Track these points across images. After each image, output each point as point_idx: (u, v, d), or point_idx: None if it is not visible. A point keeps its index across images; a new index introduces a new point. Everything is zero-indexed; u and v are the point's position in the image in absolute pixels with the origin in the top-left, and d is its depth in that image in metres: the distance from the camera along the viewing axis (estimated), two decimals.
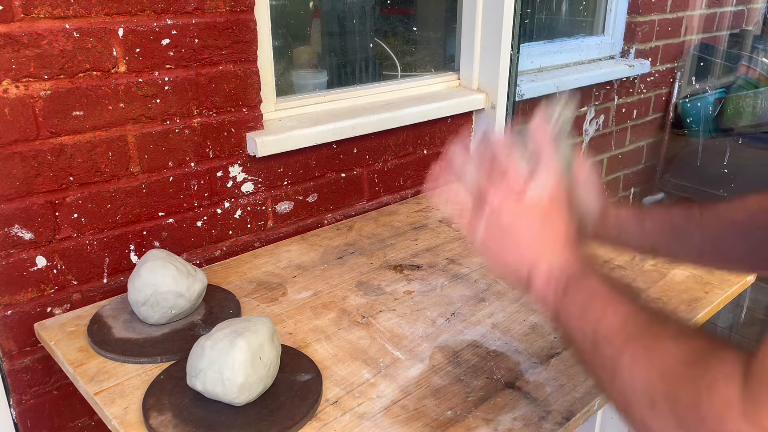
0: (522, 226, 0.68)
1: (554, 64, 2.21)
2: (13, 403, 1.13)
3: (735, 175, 2.57)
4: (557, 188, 0.69)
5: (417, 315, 1.11)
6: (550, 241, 0.68)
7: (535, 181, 0.68)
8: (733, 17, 2.79)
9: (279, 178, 1.39)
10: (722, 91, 2.65)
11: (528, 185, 0.68)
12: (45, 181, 1.07)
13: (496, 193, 0.69)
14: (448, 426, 0.84)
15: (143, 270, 1.02)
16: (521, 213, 0.68)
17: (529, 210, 0.68)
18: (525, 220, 0.68)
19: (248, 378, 0.82)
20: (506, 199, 0.68)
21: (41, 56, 1.01)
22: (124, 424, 0.84)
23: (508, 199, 0.68)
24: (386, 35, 1.77)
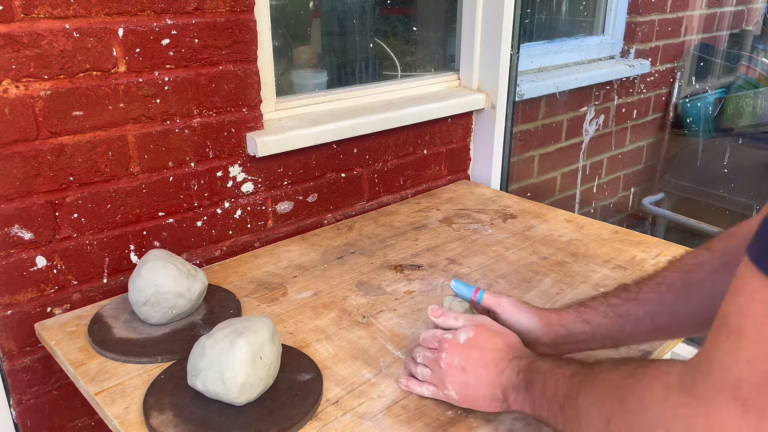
0: (469, 360, 0.82)
1: (554, 64, 2.21)
2: (13, 403, 1.13)
3: (735, 175, 2.58)
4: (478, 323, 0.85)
5: (417, 315, 1.11)
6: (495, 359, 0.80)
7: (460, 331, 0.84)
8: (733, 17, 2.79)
9: (279, 178, 1.39)
10: (722, 91, 2.65)
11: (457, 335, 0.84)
12: (45, 181, 1.07)
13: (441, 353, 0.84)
14: (449, 426, 0.84)
15: (144, 270, 1.02)
16: (464, 352, 0.82)
17: (468, 347, 0.82)
18: (469, 355, 0.82)
19: (249, 378, 0.82)
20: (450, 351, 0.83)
21: (41, 56, 1.01)
22: (125, 424, 0.84)
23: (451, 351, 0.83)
24: (386, 35, 1.77)
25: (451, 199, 1.67)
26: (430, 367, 0.86)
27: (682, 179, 2.73)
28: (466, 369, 0.81)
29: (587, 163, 2.41)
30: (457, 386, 0.82)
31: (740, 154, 2.64)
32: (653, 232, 2.70)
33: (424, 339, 0.90)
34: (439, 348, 0.85)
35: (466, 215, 1.55)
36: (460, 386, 0.82)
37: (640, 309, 0.82)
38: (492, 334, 0.84)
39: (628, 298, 0.83)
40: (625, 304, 0.83)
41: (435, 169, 1.75)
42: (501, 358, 0.80)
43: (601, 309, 0.85)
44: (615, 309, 0.83)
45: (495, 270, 1.26)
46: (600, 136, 2.42)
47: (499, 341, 0.82)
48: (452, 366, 0.82)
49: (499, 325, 0.86)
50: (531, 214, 1.55)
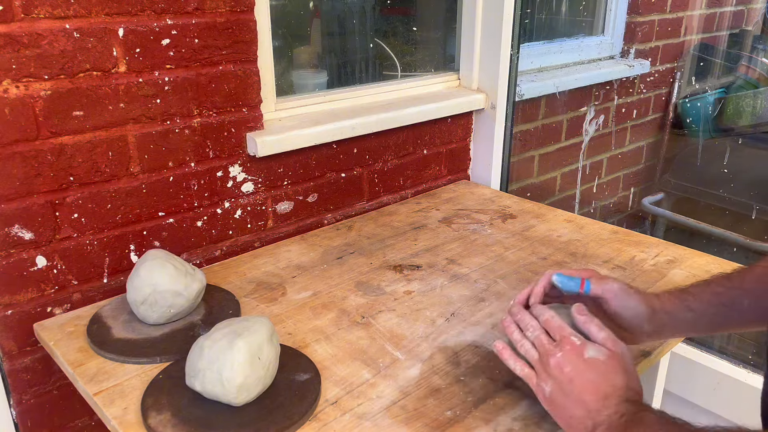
0: (583, 377, 0.75)
1: (554, 64, 2.21)
2: (13, 403, 1.13)
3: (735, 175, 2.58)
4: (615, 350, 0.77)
5: (417, 315, 1.11)
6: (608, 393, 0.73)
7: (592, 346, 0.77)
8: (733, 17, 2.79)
9: (279, 178, 1.39)
10: (722, 91, 2.65)
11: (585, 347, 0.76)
12: (45, 181, 1.07)
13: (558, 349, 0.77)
14: (448, 426, 0.84)
15: (142, 269, 1.02)
16: (582, 367, 0.75)
17: (588, 365, 0.75)
18: (586, 372, 0.75)
19: (247, 378, 0.82)
20: (568, 356, 0.76)
21: (41, 56, 1.01)
22: (124, 425, 0.84)
23: (569, 357, 0.76)
24: (386, 35, 1.77)
25: (451, 199, 1.67)
26: (540, 353, 0.79)
27: (682, 179, 2.73)
28: (574, 382, 0.75)
29: (587, 163, 2.41)
30: (556, 389, 0.76)
31: (740, 154, 2.64)
32: (653, 232, 2.70)
33: (547, 321, 0.81)
34: (560, 344, 0.78)
35: (466, 215, 1.55)
36: (558, 391, 0.76)
37: (745, 300, 0.81)
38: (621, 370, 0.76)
39: (732, 286, 0.83)
40: (729, 293, 0.82)
41: (435, 169, 1.76)
42: (615, 396, 0.73)
43: (705, 297, 0.84)
44: (719, 297, 0.83)
45: (494, 270, 1.26)
46: (600, 136, 2.42)
47: (621, 380, 0.75)
48: (562, 370, 0.76)
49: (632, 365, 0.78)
50: (531, 214, 1.55)
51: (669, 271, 1.25)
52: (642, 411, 0.71)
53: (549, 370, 0.77)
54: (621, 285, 0.88)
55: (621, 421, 0.70)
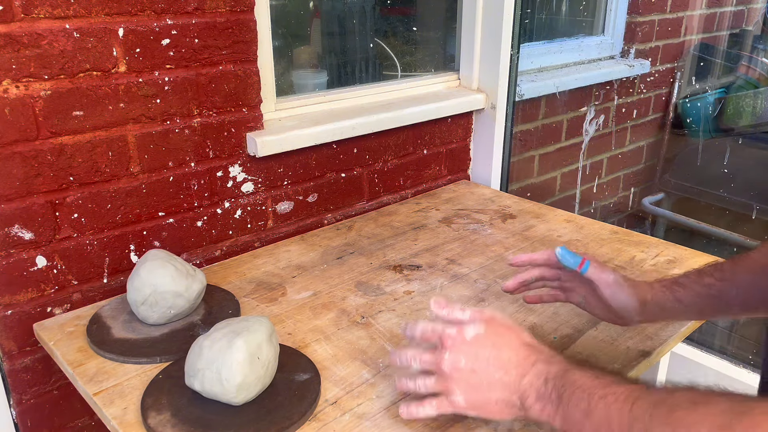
0: (480, 359, 0.73)
1: (554, 64, 2.21)
2: (13, 403, 1.13)
3: (735, 175, 2.58)
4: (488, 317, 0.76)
5: (417, 315, 1.11)
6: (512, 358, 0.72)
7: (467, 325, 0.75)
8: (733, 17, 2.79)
9: (279, 178, 1.40)
10: (722, 91, 2.65)
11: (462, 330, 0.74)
12: (45, 181, 1.07)
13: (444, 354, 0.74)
14: (448, 426, 0.84)
15: (142, 270, 1.02)
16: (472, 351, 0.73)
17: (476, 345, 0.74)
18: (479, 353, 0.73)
19: (246, 378, 0.82)
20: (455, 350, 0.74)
21: (41, 56, 1.01)
22: (124, 425, 0.84)
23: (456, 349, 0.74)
24: (386, 35, 1.77)
25: (451, 199, 1.67)
26: (435, 372, 0.76)
27: (682, 179, 2.73)
28: (476, 370, 0.72)
29: (587, 163, 2.41)
30: (464, 389, 0.73)
31: (740, 154, 2.64)
32: (653, 232, 2.70)
33: (421, 334, 0.79)
34: (441, 346, 0.75)
35: (466, 215, 1.55)
36: (468, 389, 0.73)
37: (733, 290, 0.82)
38: (505, 329, 0.75)
39: (723, 278, 0.83)
40: (718, 284, 0.83)
41: (435, 169, 1.76)
42: (521, 359, 0.71)
43: (696, 288, 0.85)
44: (708, 289, 0.84)
45: (494, 270, 1.26)
46: (600, 136, 2.42)
47: (513, 339, 0.74)
48: (458, 368, 0.73)
49: (510, 320, 0.77)
50: (531, 214, 1.55)
51: (669, 271, 1.25)
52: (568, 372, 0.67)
53: (448, 377, 0.74)
54: (616, 277, 0.89)
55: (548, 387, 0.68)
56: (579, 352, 1.00)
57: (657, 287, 0.88)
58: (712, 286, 0.84)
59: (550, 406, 0.67)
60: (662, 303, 0.87)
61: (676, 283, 0.87)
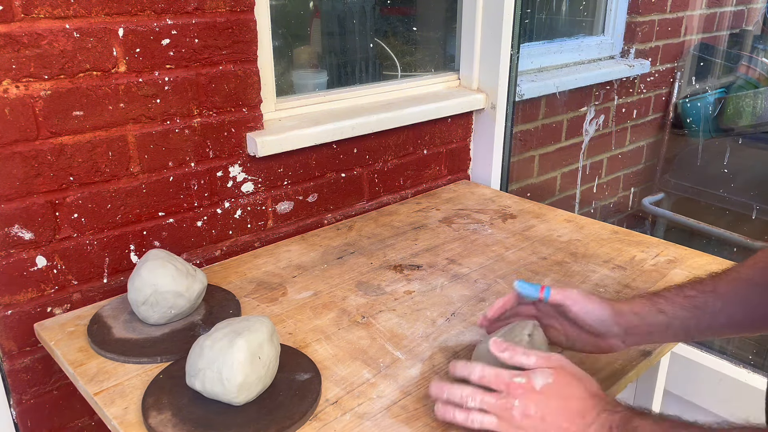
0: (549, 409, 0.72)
1: (554, 64, 2.21)
2: (13, 403, 1.13)
3: (735, 175, 2.58)
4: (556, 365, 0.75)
5: (417, 315, 1.11)
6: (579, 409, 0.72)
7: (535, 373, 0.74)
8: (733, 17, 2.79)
9: (279, 178, 1.39)
10: (722, 91, 2.65)
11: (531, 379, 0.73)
12: (45, 181, 1.07)
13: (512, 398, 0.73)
14: (449, 426, 0.84)
15: (143, 269, 1.02)
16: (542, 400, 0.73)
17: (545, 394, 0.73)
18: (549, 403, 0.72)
19: (247, 377, 0.82)
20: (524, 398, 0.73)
21: (41, 56, 1.01)
22: (124, 424, 0.84)
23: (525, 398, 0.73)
24: (386, 35, 1.77)
25: (451, 199, 1.67)
26: (497, 415, 0.74)
27: (682, 179, 2.73)
28: (546, 419, 0.72)
29: (587, 163, 2.41)
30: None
31: (740, 154, 2.64)
32: (653, 232, 2.70)
33: (482, 377, 0.77)
34: (508, 393, 0.74)
35: (466, 215, 1.55)
36: None
37: (717, 302, 0.80)
38: (573, 379, 0.74)
39: (705, 290, 0.82)
40: (701, 296, 0.81)
41: (435, 169, 1.76)
42: (588, 409, 0.72)
43: (677, 300, 0.83)
44: (691, 300, 0.82)
45: (495, 270, 1.26)
46: (600, 136, 2.42)
47: (581, 389, 0.74)
48: (528, 415, 0.72)
49: (578, 368, 0.77)
50: (531, 214, 1.55)
51: (669, 271, 1.25)
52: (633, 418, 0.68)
53: (516, 423, 0.73)
54: (581, 292, 0.87)
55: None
56: None
57: (636, 300, 0.86)
58: (695, 298, 0.82)
59: None
60: (643, 314, 0.84)
61: (657, 295, 0.85)
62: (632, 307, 0.85)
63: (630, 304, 0.85)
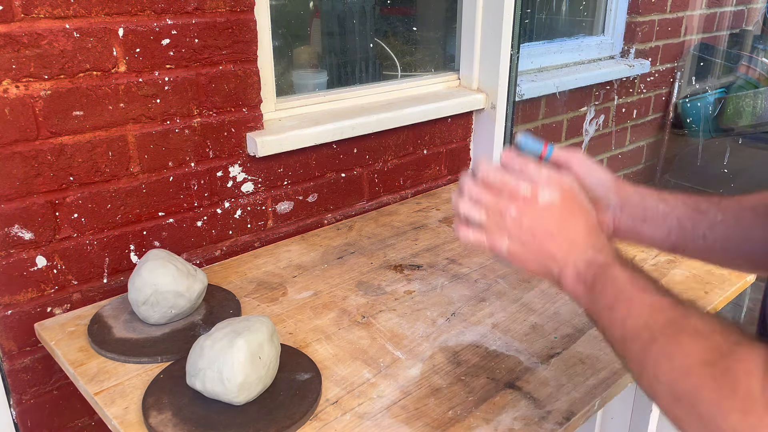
0: (543, 228, 0.71)
1: (554, 64, 2.21)
2: (13, 403, 1.13)
3: (735, 175, 2.58)
4: (567, 187, 0.72)
5: (417, 315, 1.11)
6: (572, 238, 0.71)
7: (543, 187, 0.71)
8: (733, 17, 2.79)
9: (279, 178, 1.39)
10: (722, 91, 2.65)
11: (537, 191, 0.71)
12: (45, 181, 1.07)
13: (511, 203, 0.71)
14: (449, 426, 0.84)
15: (144, 269, 1.02)
16: (539, 216, 0.71)
17: (545, 212, 0.71)
18: (544, 221, 0.71)
19: (247, 377, 0.82)
20: (522, 210, 0.71)
21: (41, 56, 1.01)
22: (125, 424, 0.84)
23: (523, 210, 0.71)
24: (386, 35, 1.77)
25: (451, 199, 1.66)
26: (489, 214, 0.73)
27: (682, 179, 2.73)
28: (535, 235, 0.70)
29: None
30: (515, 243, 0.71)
31: (740, 154, 2.65)
32: None
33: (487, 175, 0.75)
34: (510, 198, 0.72)
35: None
36: (517, 245, 0.71)
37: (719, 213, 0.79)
38: (577, 207, 0.72)
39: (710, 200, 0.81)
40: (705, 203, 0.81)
41: (435, 169, 1.76)
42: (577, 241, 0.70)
43: (681, 197, 0.82)
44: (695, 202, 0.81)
45: (495, 270, 1.26)
46: (600, 136, 2.42)
47: (581, 221, 0.71)
48: (519, 225, 0.71)
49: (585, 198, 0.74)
50: None
51: (669, 270, 1.25)
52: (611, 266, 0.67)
53: (504, 226, 0.71)
54: (586, 155, 0.84)
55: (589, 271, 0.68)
56: (580, 352, 1.00)
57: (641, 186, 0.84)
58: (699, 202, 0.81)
59: (582, 287, 0.68)
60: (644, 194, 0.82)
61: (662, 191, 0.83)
62: (635, 187, 0.83)
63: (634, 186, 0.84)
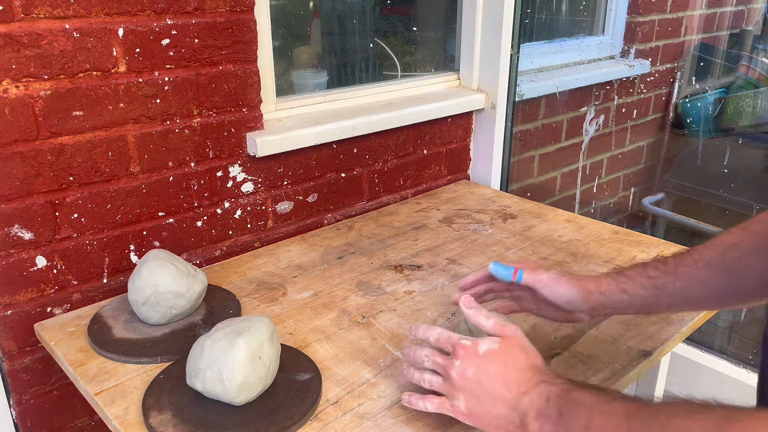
0: (486, 373, 0.74)
1: (554, 64, 2.21)
2: (13, 403, 1.13)
3: (735, 175, 2.58)
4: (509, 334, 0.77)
5: (417, 315, 1.11)
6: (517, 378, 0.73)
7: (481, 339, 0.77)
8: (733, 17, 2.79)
9: (279, 178, 1.39)
10: (722, 91, 2.65)
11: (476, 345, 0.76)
12: (45, 181, 1.07)
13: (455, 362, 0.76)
14: (449, 426, 0.84)
15: (144, 270, 1.02)
16: (481, 363, 0.75)
17: (486, 358, 0.75)
18: (487, 367, 0.75)
19: (247, 377, 0.82)
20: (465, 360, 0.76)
21: (41, 56, 1.01)
22: (125, 424, 0.84)
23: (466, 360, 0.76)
24: (386, 35, 1.77)
25: (451, 199, 1.67)
26: (442, 375, 0.78)
27: (682, 179, 2.73)
28: (482, 383, 0.74)
29: (587, 163, 2.41)
30: (468, 398, 0.75)
31: (740, 154, 2.64)
32: (653, 232, 2.70)
33: (437, 339, 0.81)
34: (454, 354, 0.77)
35: (466, 215, 1.55)
36: (470, 399, 0.75)
37: (677, 282, 0.83)
38: (518, 349, 0.76)
39: (666, 271, 0.85)
40: (662, 277, 0.85)
41: (435, 169, 1.75)
42: (526, 379, 0.73)
43: (639, 280, 0.86)
44: (653, 281, 0.85)
45: None
46: (600, 136, 2.41)
47: (524, 361, 0.75)
48: (465, 377, 0.75)
49: (527, 342, 0.78)
50: (531, 214, 1.55)
51: None
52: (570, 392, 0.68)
53: (454, 383, 0.76)
54: (550, 275, 0.91)
55: (549, 406, 0.68)
56: (580, 352, 1.00)
57: (603, 279, 0.89)
58: (656, 279, 0.85)
59: (549, 423, 0.68)
60: (608, 293, 0.88)
61: (622, 275, 0.89)
62: (599, 287, 0.88)
63: (597, 283, 0.89)
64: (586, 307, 0.89)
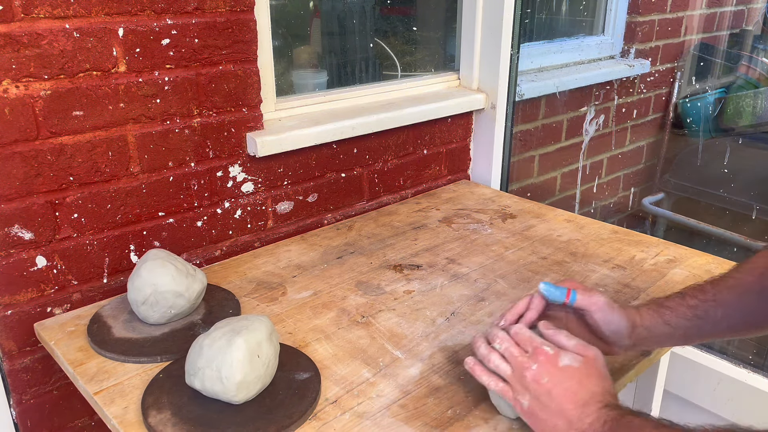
0: (562, 390, 0.75)
1: (554, 64, 2.21)
2: (13, 403, 1.13)
3: (735, 175, 2.58)
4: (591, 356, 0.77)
5: (417, 315, 1.11)
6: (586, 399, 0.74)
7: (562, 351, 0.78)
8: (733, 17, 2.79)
9: (279, 178, 1.40)
10: (722, 91, 2.65)
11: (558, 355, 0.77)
12: (45, 181, 1.07)
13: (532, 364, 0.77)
14: (448, 425, 0.84)
15: (143, 269, 1.02)
16: (558, 375, 0.76)
17: (564, 372, 0.76)
18: (563, 381, 0.75)
19: (246, 376, 0.82)
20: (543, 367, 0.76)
21: (41, 56, 1.01)
22: (124, 424, 0.84)
23: (544, 367, 0.76)
24: (386, 35, 1.77)
25: (451, 199, 1.67)
26: (513, 366, 0.79)
27: (682, 179, 2.73)
28: (552, 394, 0.75)
29: (587, 163, 2.41)
30: (534, 402, 0.76)
31: (740, 154, 2.64)
32: (653, 232, 2.70)
33: (516, 333, 0.82)
34: (533, 355, 0.78)
35: (466, 215, 1.55)
36: (537, 404, 0.76)
37: (718, 310, 0.83)
38: (595, 373, 0.76)
39: (706, 299, 0.84)
40: (702, 305, 0.84)
41: (435, 169, 1.76)
42: (594, 402, 0.73)
43: (681, 310, 0.86)
44: (694, 310, 0.85)
45: (494, 270, 1.26)
46: (600, 136, 2.42)
47: (597, 385, 0.75)
48: (539, 382, 0.76)
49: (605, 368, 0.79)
50: (531, 214, 1.55)
51: (669, 270, 1.25)
52: (627, 415, 0.71)
53: (525, 384, 0.77)
54: (606, 299, 0.88)
55: (605, 428, 0.70)
56: None
57: (644, 311, 0.88)
58: (697, 308, 0.85)
59: None
60: (651, 326, 0.87)
61: (663, 306, 0.88)
62: (643, 321, 0.87)
63: (641, 317, 0.87)
64: (629, 341, 0.87)
